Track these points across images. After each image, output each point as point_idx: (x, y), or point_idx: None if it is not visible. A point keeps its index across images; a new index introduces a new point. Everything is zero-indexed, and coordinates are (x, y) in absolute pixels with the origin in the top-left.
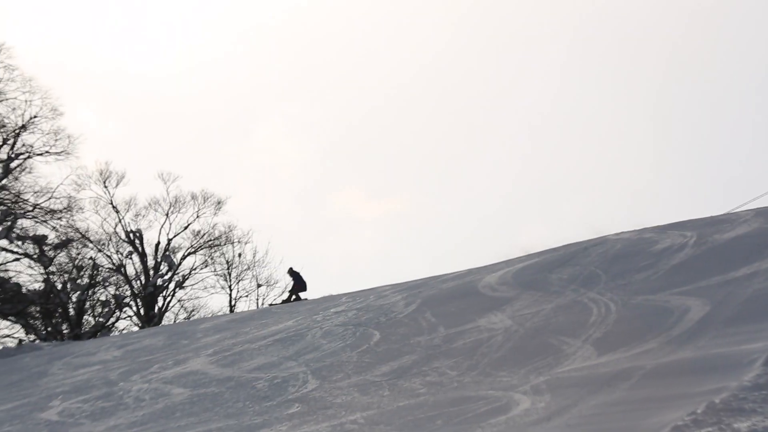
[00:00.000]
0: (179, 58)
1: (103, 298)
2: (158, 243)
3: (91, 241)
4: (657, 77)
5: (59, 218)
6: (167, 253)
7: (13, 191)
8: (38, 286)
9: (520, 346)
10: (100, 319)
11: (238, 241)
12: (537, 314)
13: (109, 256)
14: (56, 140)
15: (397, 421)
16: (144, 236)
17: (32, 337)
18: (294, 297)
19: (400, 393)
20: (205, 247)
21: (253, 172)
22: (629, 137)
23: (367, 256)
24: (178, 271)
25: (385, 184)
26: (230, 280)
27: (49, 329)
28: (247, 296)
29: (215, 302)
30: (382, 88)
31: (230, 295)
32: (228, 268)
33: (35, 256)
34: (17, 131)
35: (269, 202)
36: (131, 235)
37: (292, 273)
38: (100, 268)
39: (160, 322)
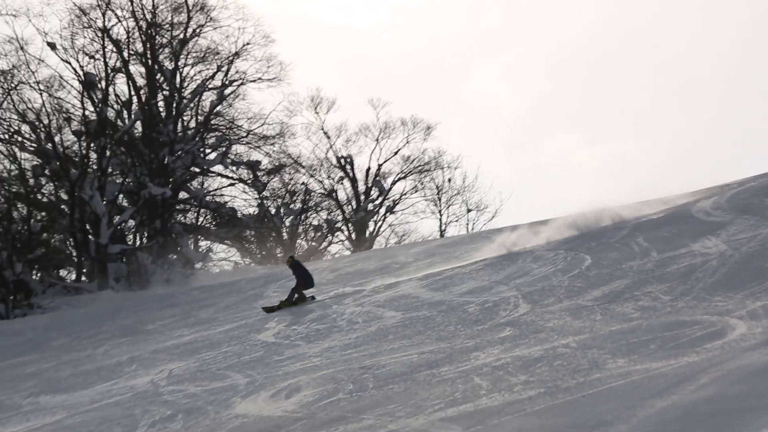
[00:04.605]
0: (397, 10)
1: (315, 222)
2: (368, 168)
3: (303, 167)
4: None
5: (272, 144)
6: (377, 178)
7: (228, 117)
8: (253, 210)
9: (736, 270)
10: (313, 243)
11: (448, 167)
12: (753, 239)
13: (320, 182)
14: (268, 67)
15: (609, 345)
16: (354, 162)
17: (247, 260)
18: (297, 296)
19: (612, 317)
20: (415, 172)
21: (466, 112)
22: None
23: (584, 200)
24: (388, 196)
25: (604, 128)
26: (440, 205)
27: (263, 253)
28: (457, 221)
29: (425, 227)
30: (599, 28)
31: (440, 220)
32: (438, 193)
33: (249, 182)
34: (231, 58)
35: (480, 136)
36: (342, 160)
37: (294, 265)
38: (312, 193)
39: (372, 247)
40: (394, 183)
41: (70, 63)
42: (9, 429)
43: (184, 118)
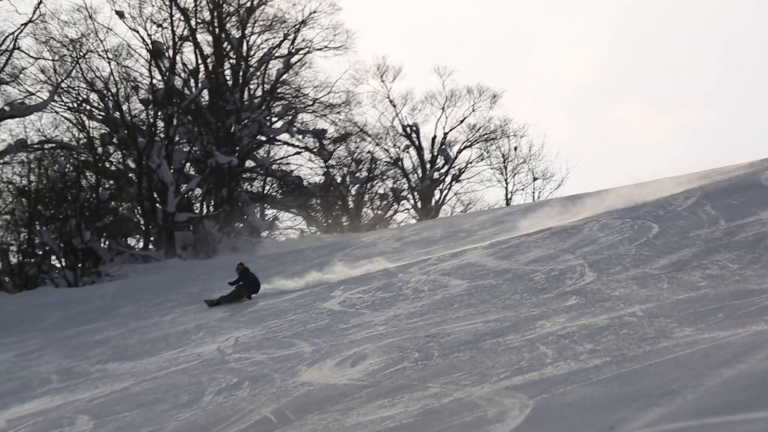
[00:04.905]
0: None
1: (381, 191)
2: (434, 137)
3: (369, 135)
4: None
5: (338, 112)
6: (443, 146)
7: (294, 86)
8: (319, 179)
9: None
10: (379, 212)
11: (514, 135)
12: None
13: (386, 150)
14: (335, 35)
15: (676, 314)
16: (420, 130)
17: (313, 228)
18: (237, 296)
19: (679, 286)
20: (481, 141)
21: (533, 80)
22: None
23: (649, 173)
24: (454, 164)
25: (669, 98)
26: (506, 174)
27: (329, 221)
28: (523, 189)
29: (491, 195)
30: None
31: (506, 188)
32: (504, 162)
33: (315, 150)
34: (297, 26)
35: (546, 104)
36: (408, 128)
37: (243, 272)
38: (378, 162)
39: (437, 215)
40: (459, 151)
41: (137, 31)
42: (78, 395)
43: (251, 86)
